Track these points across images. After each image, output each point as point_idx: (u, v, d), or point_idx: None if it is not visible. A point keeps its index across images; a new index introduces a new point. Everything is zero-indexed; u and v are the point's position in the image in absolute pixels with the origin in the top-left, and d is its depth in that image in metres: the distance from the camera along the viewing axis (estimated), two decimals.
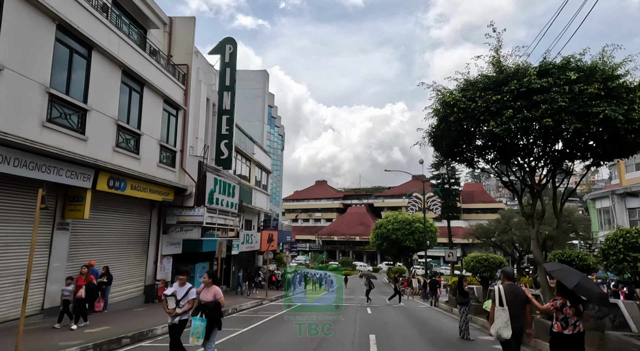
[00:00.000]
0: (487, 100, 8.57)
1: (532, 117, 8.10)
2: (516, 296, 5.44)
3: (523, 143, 9.29)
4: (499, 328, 5.35)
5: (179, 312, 6.01)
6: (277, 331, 10.21)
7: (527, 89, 8.27)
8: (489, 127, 8.38)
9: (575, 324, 5.07)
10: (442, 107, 9.35)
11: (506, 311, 5.32)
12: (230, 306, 15.28)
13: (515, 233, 43.61)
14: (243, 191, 25.82)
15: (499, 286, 5.63)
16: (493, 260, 13.44)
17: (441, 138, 9.80)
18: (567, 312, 5.06)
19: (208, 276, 6.23)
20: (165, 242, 16.75)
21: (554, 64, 8.63)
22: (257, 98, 37.31)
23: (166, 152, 15.55)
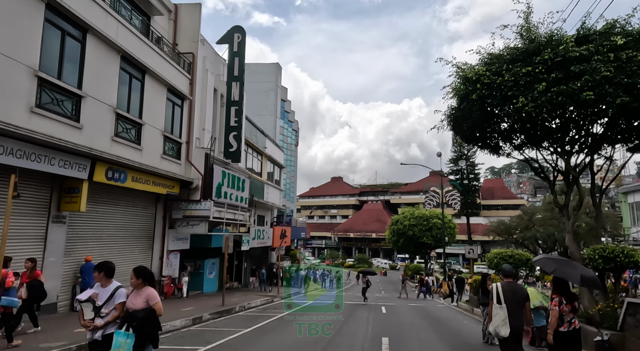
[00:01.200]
0: (515, 73, 7.52)
1: (569, 91, 7.02)
2: (515, 294, 5.40)
3: (557, 124, 8.20)
4: (496, 326, 5.31)
5: (99, 325, 4.26)
6: (281, 332, 9.45)
7: (563, 58, 7.19)
8: (518, 104, 7.34)
9: (570, 321, 5.18)
10: (463, 84, 8.34)
11: (504, 309, 5.30)
12: (237, 304, 14.62)
13: (539, 230, 41.88)
14: (254, 185, 25.19)
15: (497, 284, 5.62)
16: (519, 257, 12.36)
17: (462, 120, 8.77)
18: (563, 310, 5.15)
19: (136, 274, 4.55)
20: (172, 236, 16.20)
21: (595, 29, 7.52)
22: (270, 91, 36.68)
23: (170, 143, 14.95)
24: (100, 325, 4.26)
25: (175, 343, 7.98)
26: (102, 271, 4.47)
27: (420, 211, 35.45)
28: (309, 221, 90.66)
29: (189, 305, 13.66)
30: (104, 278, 4.47)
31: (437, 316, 14.16)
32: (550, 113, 7.51)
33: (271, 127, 34.99)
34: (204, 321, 11.20)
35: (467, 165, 61.57)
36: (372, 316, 13.27)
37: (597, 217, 8.34)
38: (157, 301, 4.46)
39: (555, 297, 5.23)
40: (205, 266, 20.26)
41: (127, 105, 12.36)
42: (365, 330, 10.07)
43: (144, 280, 4.53)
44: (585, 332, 7.14)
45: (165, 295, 15.50)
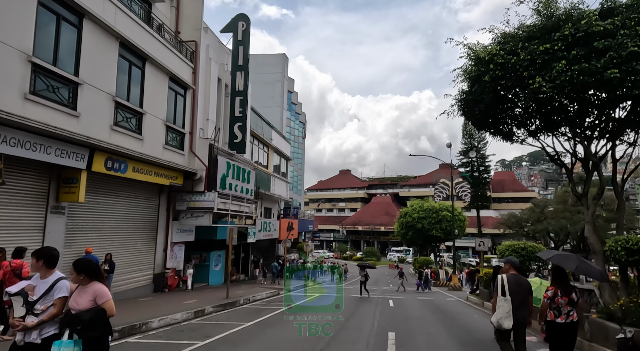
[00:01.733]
0: (532, 51, 6.97)
1: (591, 69, 6.45)
2: (520, 287, 5.42)
3: (575, 108, 7.64)
4: (500, 318, 5.33)
5: (29, 324, 3.41)
6: (284, 326, 9.14)
7: (585, 34, 6.62)
8: (534, 85, 6.81)
9: (568, 313, 5.18)
10: (475, 64, 7.82)
11: (508, 301, 5.30)
12: (242, 296, 14.39)
13: (551, 223, 41.09)
14: (260, 177, 24.91)
15: (502, 275, 5.57)
16: (531, 249, 11.83)
17: (473, 104, 8.23)
18: (559, 302, 5.18)
19: (76, 268, 3.66)
20: (176, 228, 15.99)
21: (621, 2, 6.93)
22: (276, 83, 36.21)
23: (173, 133, 14.66)
24: (31, 324, 3.40)
25: (173, 337, 7.71)
26: (42, 259, 3.61)
27: (430, 203, 34.85)
28: (317, 214, 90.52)
29: (193, 298, 13.46)
30: (43, 268, 3.61)
31: (446, 310, 13.75)
32: (570, 94, 6.96)
33: (278, 119, 34.58)
34: (206, 315, 10.95)
35: (477, 156, 60.58)
36: (379, 310, 12.92)
37: (619, 206, 7.79)
38: (106, 299, 3.62)
39: (550, 289, 5.29)
40: (211, 258, 20.09)
41: (126, 94, 12.06)
42: (371, 324, 9.72)
43: (87, 274, 3.63)
44: (606, 329, 6.69)
45: (170, 287, 15.33)
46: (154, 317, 9.10)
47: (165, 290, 15.08)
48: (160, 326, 8.76)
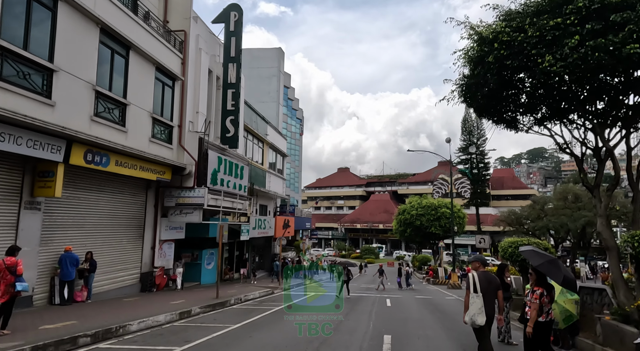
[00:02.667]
0: (541, 27, 6.32)
1: (608, 45, 5.83)
2: (489, 283, 5.56)
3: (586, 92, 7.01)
4: (473, 315, 5.38)
5: None
6: (273, 328, 8.54)
7: (601, 6, 5.96)
8: (544, 64, 6.18)
9: (548, 312, 5.35)
10: (478, 45, 7.18)
11: (480, 297, 5.39)
12: (233, 296, 13.79)
13: (551, 220, 40.55)
14: (255, 174, 24.30)
15: (473, 273, 5.65)
16: (536, 246, 11.23)
17: (475, 89, 7.59)
18: (544, 301, 5.29)
19: None
20: (164, 225, 15.37)
21: None
22: (272, 77, 35.51)
23: (160, 126, 14.03)
24: None
25: (150, 341, 7.11)
26: None
27: (428, 200, 34.25)
28: (316, 212, 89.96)
29: (181, 298, 12.86)
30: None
31: (445, 310, 13.18)
32: (583, 75, 6.31)
33: (273, 114, 33.93)
34: (192, 316, 10.36)
35: (476, 153, 60.08)
36: (375, 310, 12.34)
37: (634, 198, 7.19)
38: None
39: (537, 290, 5.38)
40: (203, 256, 19.49)
41: (109, 83, 11.43)
42: (366, 326, 9.13)
43: None
44: (622, 333, 6.11)
45: (158, 286, 14.72)
46: (134, 319, 8.50)
47: (153, 289, 14.47)
48: (139, 329, 8.16)
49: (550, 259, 5.59)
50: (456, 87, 8.14)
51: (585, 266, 41.34)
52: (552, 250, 11.87)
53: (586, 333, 7.33)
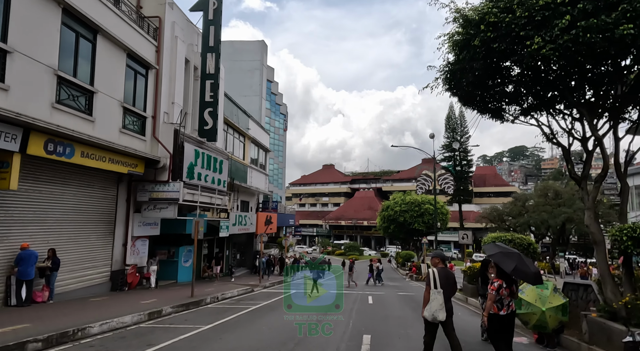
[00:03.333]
0: (530, 7, 5.93)
1: (600, 25, 5.49)
2: (447, 279, 5.63)
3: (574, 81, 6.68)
4: (434, 311, 5.42)
5: None
6: (246, 329, 8.04)
7: None
8: (533, 46, 5.82)
9: (508, 304, 5.40)
10: (463, 28, 6.78)
11: (441, 294, 5.44)
12: (209, 295, 13.23)
13: (532, 216, 41.10)
14: (236, 168, 23.66)
15: (433, 269, 5.68)
16: (520, 241, 11.06)
17: (461, 75, 7.18)
18: (502, 294, 5.33)
19: None
20: (137, 221, 14.66)
21: None
22: (254, 71, 34.73)
23: (132, 116, 13.31)
24: None
25: (109, 346, 6.53)
26: None
27: (412, 197, 34.13)
28: (301, 209, 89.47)
29: (153, 297, 12.24)
30: None
31: None
32: (576, 57, 5.96)
33: (256, 109, 33.19)
34: (163, 316, 9.77)
35: (460, 149, 60.58)
36: (356, 308, 11.96)
37: (622, 190, 6.96)
38: None
39: (496, 281, 5.42)
40: (180, 254, 18.80)
41: (73, 69, 10.68)
42: (345, 325, 8.72)
43: None
44: (610, 331, 5.85)
45: (130, 285, 14.03)
46: (97, 321, 7.89)
47: (125, 288, 13.78)
48: (101, 332, 7.55)
49: (506, 251, 5.66)
50: (440, 73, 7.76)
51: (564, 262, 42.08)
52: (535, 245, 11.70)
53: (571, 331, 7.09)
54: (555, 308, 6.79)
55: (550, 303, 6.82)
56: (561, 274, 35.87)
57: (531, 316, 6.74)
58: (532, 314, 6.76)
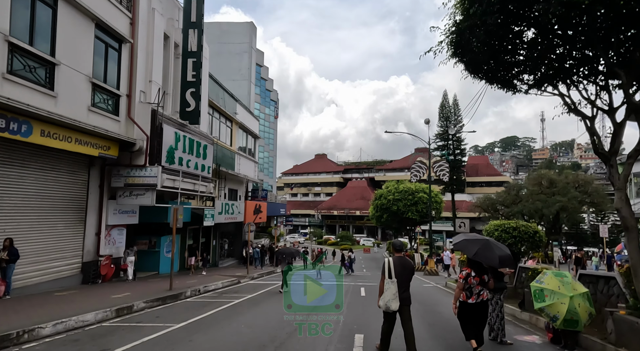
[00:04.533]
0: None
1: None
2: (404, 268, 5.54)
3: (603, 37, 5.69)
4: (387, 301, 5.36)
5: None
6: (221, 330, 7.08)
7: None
8: None
9: (479, 293, 5.50)
10: None
11: (395, 283, 5.38)
12: (191, 287, 12.29)
13: (526, 205, 40.61)
14: (222, 155, 22.55)
15: (388, 258, 5.63)
16: (525, 229, 10.23)
17: (470, 34, 6.15)
18: (471, 282, 5.46)
19: None
20: (113, 209, 13.58)
21: None
22: (243, 54, 33.31)
23: (103, 94, 12.13)
24: None
25: (55, 350, 5.54)
26: None
27: (406, 185, 33.30)
28: (293, 199, 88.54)
29: (128, 290, 11.25)
30: None
31: (424, 300, 12.09)
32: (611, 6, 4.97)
33: (245, 94, 31.87)
34: (133, 313, 8.81)
35: (453, 140, 59.78)
36: (347, 301, 11.10)
37: None
38: None
39: (465, 270, 5.54)
40: (161, 243, 17.76)
41: (29, 36, 9.47)
42: (335, 323, 7.82)
43: None
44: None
45: (104, 277, 13.00)
46: (51, 320, 6.90)
47: (98, 281, 12.76)
48: (53, 333, 6.55)
49: (471, 238, 5.73)
50: (445, 36, 6.73)
51: (557, 251, 41.80)
52: (541, 233, 10.88)
53: (590, 330, 6.26)
54: (582, 295, 5.93)
55: (575, 290, 5.95)
56: (555, 263, 35.55)
57: (559, 307, 5.83)
58: (559, 304, 5.84)
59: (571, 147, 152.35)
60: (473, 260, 5.50)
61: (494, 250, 5.49)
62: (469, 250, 5.46)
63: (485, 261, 5.46)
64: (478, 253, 5.36)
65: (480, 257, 5.37)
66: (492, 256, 5.39)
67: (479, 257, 5.38)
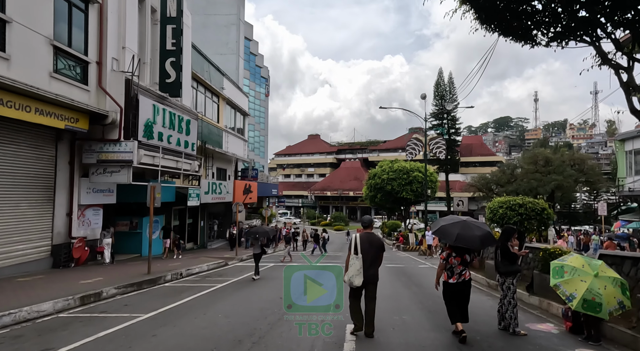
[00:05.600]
0: None
1: None
2: (371, 245, 5.51)
3: None
4: (351, 276, 5.37)
5: None
6: (194, 320, 6.20)
7: None
8: None
9: (460, 273, 5.43)
10: None
11: (360, 259, 5.38)
12: (172, 270, 11.43)
13: (521, 184, 40.13)
14: (209, 132, 21.40)
15: (355, 234, 5.65)
16: (532, 206, 9.42)
17: None
18: (452, 262, 5.43)
19: None
20: (86, 187, 12.54)
21: None
22: (231, 26, 31.63)
23: (68, 59, 10.90)
24: None
25: None
26: None
27: (400, 164, 32.44)
28: (286, 180, 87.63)
29: (101, 275, 10.34)
30: None
31: (422, 283, 11.30)
32: None
33: (233, 68, 30.40)
34: (100, 300, 7.93)
35: (448, 119, 58.83)
36: (338, 286, 10.27)
37: None
38: None
39: (446, 250, 5.55)
40: (144, 224, 16.79)
41: None
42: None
43: None
44: None
45: (78, 261, 12.07)
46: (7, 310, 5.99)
47: (71, 265, 11.83)
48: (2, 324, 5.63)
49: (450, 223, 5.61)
50: None
51: (552, 230, 41.62)
52: (549, 210, 10.08)
53: (616, 318, 5.48)
54: (612, 280, 5.14)
55: (604, 272, 5.16)
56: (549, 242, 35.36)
57: (578, 284, 5.05)
58: (579, 281, 5.07)
59: (563, 128, 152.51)
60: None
61: (473, 231, 5.37)
62: (449, 235, 5.36)
63: (466, 245, 5.34)
64: (458, 238, 5.24)
65: (461, 241, 5.25)
66: (473, 237, 5.28)
67: (460, 241, 5.25)
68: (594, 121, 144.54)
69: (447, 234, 5.42)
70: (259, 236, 11.43)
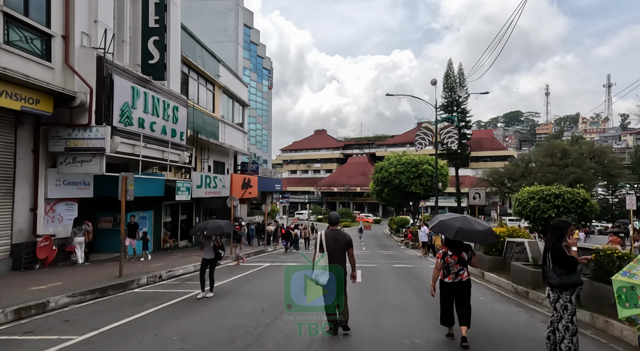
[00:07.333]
0: None
1: None
2: (336, 241, 5.42)
3: None
4: (317, 275, 5.21)
5: None
6: (137, 346, 4.71)
7: None
8: None
9: (457, 273, 5.14)
10: None
11: (325, 256, 5.28)
12: (150, 272, 10.02)
13: (537, 177, 38.13)
14: (203, 121, 19.95)
15: (321, 232, 5.57)
16: (571, 197, 7.75)
17: None
18: (448, 261, 5.16)
19: None
20: (54, 179, 11.15)
21: None
22: (229, 12, 30.10)
23: (24, 30, 9.46)
24: None
25: None
26: None
27: (409, 156, 30.70)
28: (292, 176, 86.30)
29: (62, 279, 8.95)
30: None
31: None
32: None
33: (231, 56, 28.89)
34: (45, 312, 6.53)
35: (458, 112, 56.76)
36: None
37: None
38: None
39: (442, 249, 5.32)
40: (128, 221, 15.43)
41: None
42: (317, 323, 5.47)
43: None
44: None
45: (43, 262, 10.68)
46: None
47: (36, 266, 10.45)
48: None
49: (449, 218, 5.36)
50: None
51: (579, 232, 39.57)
52: (592, 201, 8.41)
53: None
54: None
55: None
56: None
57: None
58: None
59: (575, 122, 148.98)
60: (448, 239, 5.14)
61: (474, 225, 5.12)
62: (449, 229, 5.06)
63: (468, 239, 5.11)
64: (459, 232, 4.94)
65: (462, 235, 4.97)
66: (474, 231, 5.03)
67: (461, 236, 4.96)
68: (607, 114, 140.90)
69: (446, 228, 5.12)
70: (207, 232, 7.79)
